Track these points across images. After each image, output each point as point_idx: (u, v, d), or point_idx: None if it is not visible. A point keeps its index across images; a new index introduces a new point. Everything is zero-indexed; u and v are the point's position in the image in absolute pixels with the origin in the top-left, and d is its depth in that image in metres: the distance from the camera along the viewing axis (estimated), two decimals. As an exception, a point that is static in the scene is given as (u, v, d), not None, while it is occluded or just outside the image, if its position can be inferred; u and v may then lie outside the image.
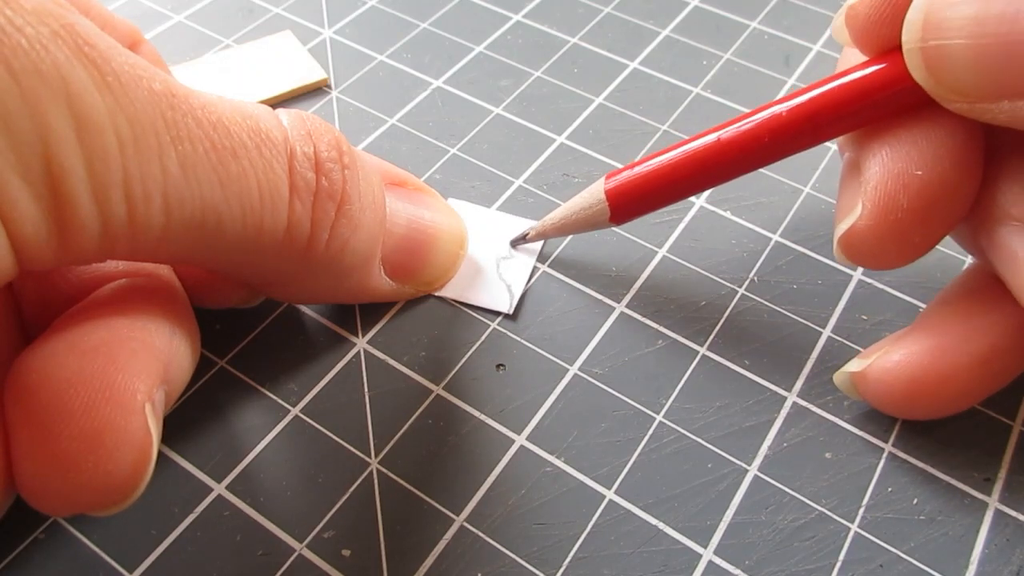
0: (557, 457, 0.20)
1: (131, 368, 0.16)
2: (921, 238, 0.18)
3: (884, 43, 0.18)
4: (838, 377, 0.21)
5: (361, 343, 0.22)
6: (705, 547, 0.19)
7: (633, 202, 0.22)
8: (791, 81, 0.30)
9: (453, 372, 0.22)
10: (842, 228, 0.19)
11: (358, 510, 0.19)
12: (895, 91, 0.18)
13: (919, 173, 0.18)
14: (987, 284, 0.20)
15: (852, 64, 0.19)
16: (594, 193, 0.22)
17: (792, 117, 0.19)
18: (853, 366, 0.21)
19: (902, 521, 0.20)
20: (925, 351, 0.20)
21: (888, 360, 0.20)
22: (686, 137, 0.28)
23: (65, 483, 0.15)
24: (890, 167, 0.18)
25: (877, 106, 0.18)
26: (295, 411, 0.21)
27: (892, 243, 0.18)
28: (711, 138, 0.20)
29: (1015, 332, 0.19)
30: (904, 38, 0.17)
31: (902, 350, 0.20)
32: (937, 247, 0.25)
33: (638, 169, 0.21)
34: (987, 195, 0.18)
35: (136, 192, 0.14)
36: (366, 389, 0.21)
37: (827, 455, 0.21)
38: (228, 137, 0.16)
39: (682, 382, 0.22)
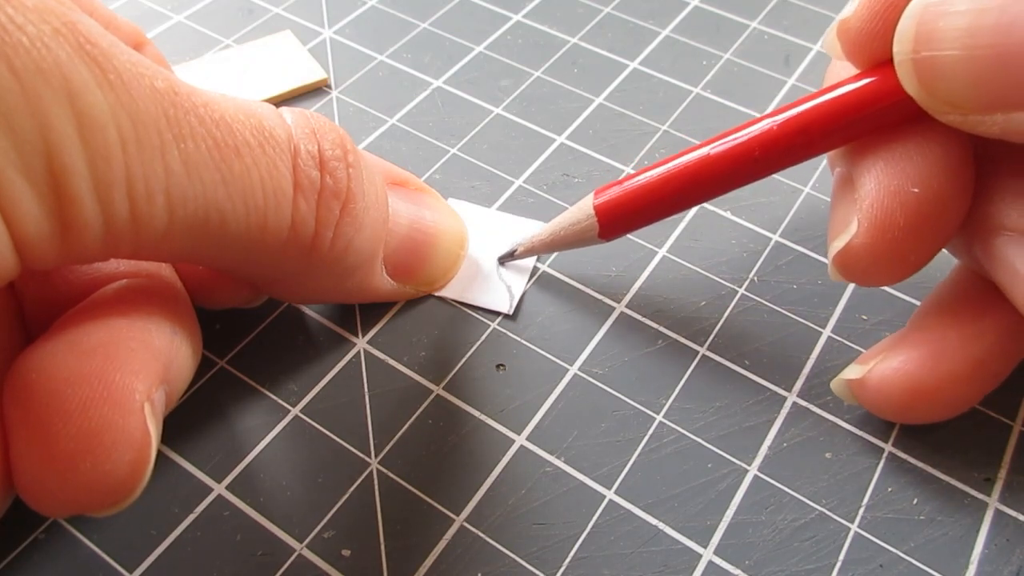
0: (557, 457, 0.20)
1: (130, 368, 0.15)
2: (916, 255, 0.18)
3: (876, 57, 0.18)
4: (835, 384, 0.21)
5: (361, 343, 0.22)
6: (705, 547, 0.19)
7: (623, 218, 0.21)
8: (791, 81, 0.30)
9: (453, 372, 0.22)
10: (837, 246, 0.19)
11: (358, 510, 0.19)
12: (888, 104, 0.18)
13: (916, 190, 0.17)
14: (977, 286, 0.20)
15: (840, 77, 0.19)
16: (583, 208, 0.22)
17: (784, 131, 0.19)
18: (850, 373, 0.21)
19: (902, 521, 0.20)
20: (922, 358, 0.20)
21: (886, 368, 0.20)
22: (686, 137, 0.28)
23: (63, 483, 0.15)
24: (886, 184, 0.18)
25: (870, 119, 0.18)
26: (295, 411, 0.21)
27: (888, 261, 0.18)
28: (701, 152, 0.20)
29: (1008, 335, 0.19)
30: (895, 49, 0.17)
31: (899, 357, 0.20)
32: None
33: (627, 184, 0.21)
34: (980, 206, 0.18)
35: (139, 190, 0.14)
36: (366, 389, 0.21)
37: (827, 455, 0.21)
38: (231, 135, 0.15)
39: (682, 382, 0.22)
